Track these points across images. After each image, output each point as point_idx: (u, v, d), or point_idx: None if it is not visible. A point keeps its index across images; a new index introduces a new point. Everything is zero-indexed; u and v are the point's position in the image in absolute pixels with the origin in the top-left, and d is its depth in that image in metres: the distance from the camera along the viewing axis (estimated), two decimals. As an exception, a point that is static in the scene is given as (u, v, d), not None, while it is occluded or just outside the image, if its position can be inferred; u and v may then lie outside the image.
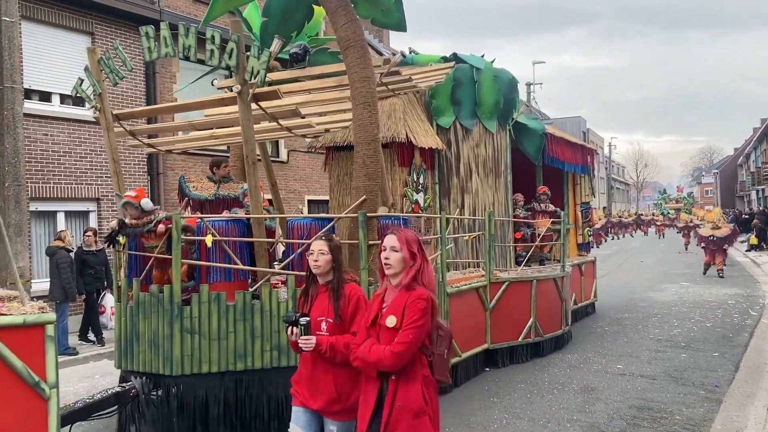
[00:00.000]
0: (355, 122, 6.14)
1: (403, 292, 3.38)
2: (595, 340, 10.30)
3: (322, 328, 3.78)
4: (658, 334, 10.60)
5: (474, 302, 8.13)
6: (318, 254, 3.82)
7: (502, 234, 9.94)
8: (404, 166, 8.79)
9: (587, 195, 13.16)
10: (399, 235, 3.43)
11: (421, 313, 3.30)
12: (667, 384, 7.58)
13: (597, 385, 7.62)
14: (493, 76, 9.64)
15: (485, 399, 7.18)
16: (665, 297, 15.20)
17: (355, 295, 3.82)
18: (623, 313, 12.93)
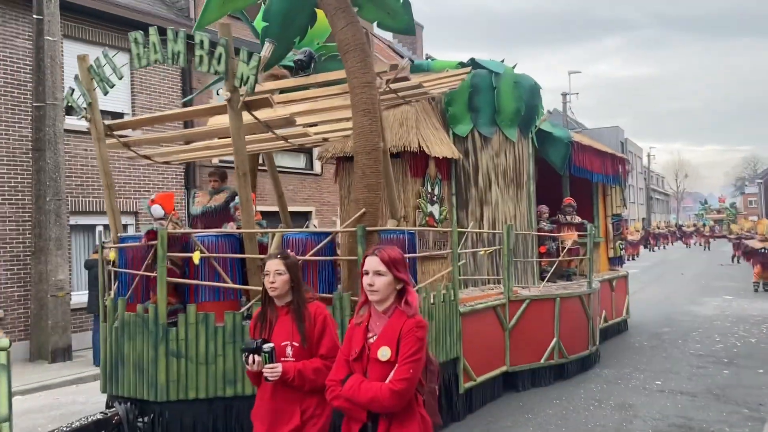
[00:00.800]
0: (355, 130, 5.74)
1: (394, 319, 2.95)
2: (633, 355, 10.00)
3: (287, 354, 3.39)
4: (699, 350, 10.24)
5: (491, 322, 7.62)
6: (274, 275, 3.43)
7: (524, 248, 9.41)
8: (417, 177, 8.35)
9: (618, 206, 12.52)
10: (382, 256, 3.00)
11: (419, 344, 2.87)
12: (709, 402, 7.29)
13: (635, 402, 7.37)
14: (513, 82, 9.16)
15: (519, 415, 6.98)
16: (707, 311, 14.75)
17: (321, 315, 3.44)
18: (662, 327, 12.56)
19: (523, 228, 9.35)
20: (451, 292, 6.77)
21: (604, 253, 12.41)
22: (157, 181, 13.55)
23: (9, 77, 11.17)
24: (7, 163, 11.11)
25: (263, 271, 3.52)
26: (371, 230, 5.64)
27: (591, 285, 9.17)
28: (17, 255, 11.21)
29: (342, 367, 3.06)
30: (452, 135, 9.00)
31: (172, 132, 6.78)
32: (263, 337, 3.44)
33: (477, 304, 7.37)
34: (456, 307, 6.83)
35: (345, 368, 3.05)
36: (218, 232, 5.66)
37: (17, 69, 11.30)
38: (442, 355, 6.59)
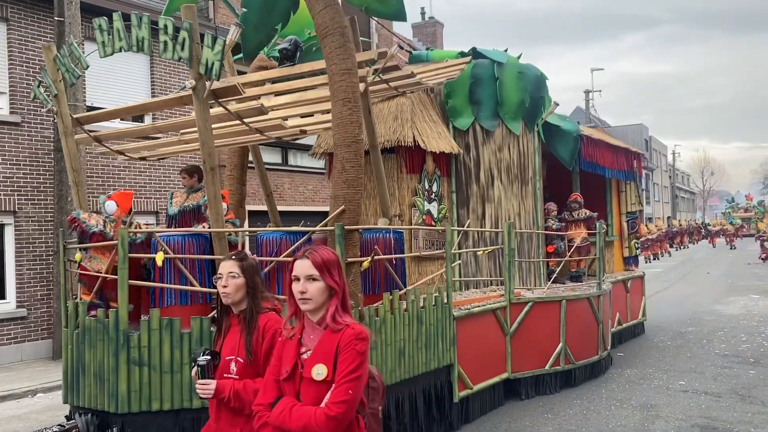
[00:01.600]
0: (334, 121, 5.34)
1: (330, 331, 2.54)
2: (656, 354, 9.85)
3: (231, 370, 2.99)
4: (724, 350, 10.06)
5: (490, 326, 7.16)
6: (227, 278, 3.01)
7: (529, 248, 8.93)
8: (414, 173, 7.93)
9: (633, 204, 11.94)
10: (314, 259, 2.58)
11: (360, 359, 2.47)
12: (734, 402, 7.14)
13: (657, 402, 7.25)
14: (517, 72, 8.68)
15: (538, 416, 6.87)
16: (732, 310, 14.44)
17: (272, 328, 2.98)
18: (687, 326, 12.34)
19: (528, 226, 8.86)
20: (443, 295, 6.33)
21: (619, 252, 11.85)
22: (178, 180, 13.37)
23: (31, 78, 11.23)
24: (30, 163, 11.29)
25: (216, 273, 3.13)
26: (351, 229, 5.23)
27: (601, 286, 8.65)
28: (40, 255, 11.30)
29: (271, 389, 2.66)
30: (452, 129, 8.56)
31: (143, 125, 6.41)
32: (216, 350, 3.05)
33: (474, 307, 6.92)
34: (449, 311, 6.39)
35: (274, 390, 2.64)
36: (185, 231, 5.30)
37: (39, 71, 11.42)
38: (434, 361, 6.16)
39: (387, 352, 5.53)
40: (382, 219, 6.82)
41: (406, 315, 5.80)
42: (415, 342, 5.90)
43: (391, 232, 5.88)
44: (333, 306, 2.54)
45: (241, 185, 7.71)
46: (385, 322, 5.52)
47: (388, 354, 5.54)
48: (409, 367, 5.82)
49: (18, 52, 11.21)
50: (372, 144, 6.67)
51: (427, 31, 27.68)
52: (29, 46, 11.36)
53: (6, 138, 10.78)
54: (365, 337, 2.50)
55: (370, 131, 6.64)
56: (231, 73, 7.31)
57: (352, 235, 5.26)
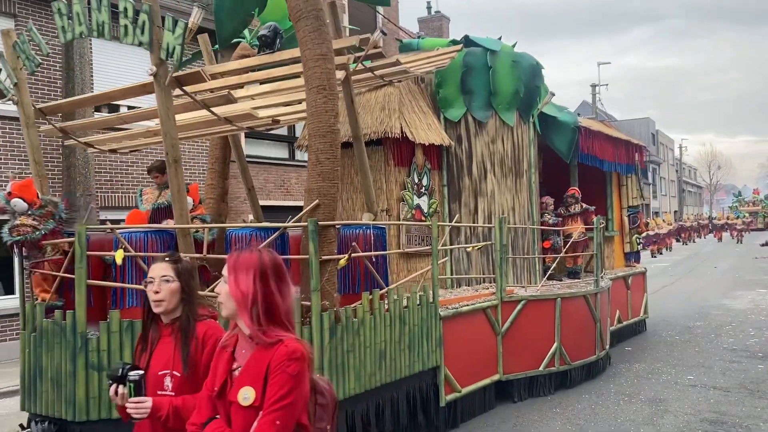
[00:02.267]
0: (309, 110, 5.02)
1: (261, 347, 2.22)
2: (664, 349, 9.81)
3: (165, 386, 2.65)
4: (732, 344, 10.02)
5: (481, 325, 6.84)
6: (160, 282, 2.67)
7: (524, 244, 8.59)
8: (402, 166, 7.60)
9: (635, 198, 11.59)
10: (229, 260, 2.28)
11: (292, 383, 2.12)
12: (743, 397, 7.10)
13: (666, 396, 7.23)
14: (511, 61, 8.33)
15: (547, 410, 6.85)
16: (740, 305, 14.36)
17: (212, 337, 2.66)
18: (695, 321, 12.25)
19: (522, 221, 8.53)
20: (429, 293, 6.01)
21: (619, 248, 11.50)
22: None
23: (39, 74, 11.19)
24: None
25: (148, 277, 2.79)
26: (326, 225, 4.92)
27: (598, 283, 8.31)
28: None
29: (205, 407, 2.34)
30: (443, 120, 8.23)
31: (108, 115, 6.10)
32: (138, 364, 2.73)
33: (463, 306, 6.60)
34: (435, 310, 6.08)
35: (209, 408, 2.33)
36: (147, 228, 4.99)
37: (47, 66, 11.40)
38: (419, 364, 5.85)
39: (366, 355, 5.22)
40: (367, 214, 6.51)
41: (388, 315, 5.49)
42: (397, 343, 5.59)
43: (372, 228, 5.57)
44: (245, 316, 2.19)
45: (223, 179, 7.40)
46: (363, 324, 5.21)
47: (367, 357, 5.23)
48: (391, 370, 5.51)
49: None
50: (355, 135, 6.36)
51: (433, 26, 27.50)
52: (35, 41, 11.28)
53: (14, 134, 10.90)
54: (300, 357, 2.14)
55: (353, 122, 6.32)
56: (209, 62, 7.00)
57: (328, 231, 4.94)
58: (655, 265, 26.38)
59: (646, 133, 66.15)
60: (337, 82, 5.81)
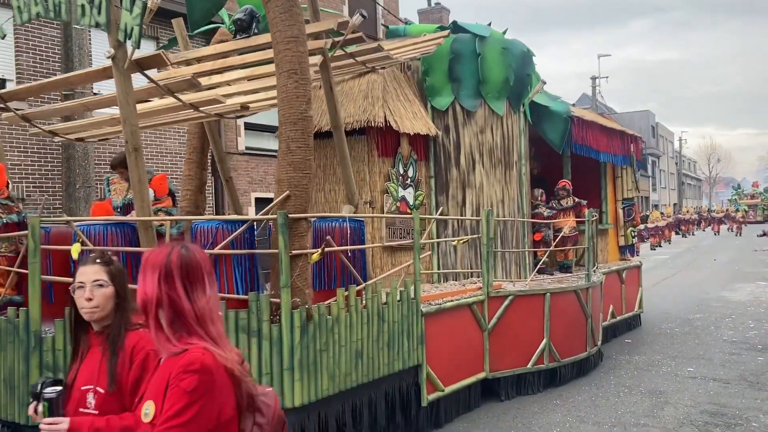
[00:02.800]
0: (279, 95, 4.75)
1: (170, 356, 1.95)
2: (664, 341, 9.81)
3: (88, 404, 2.35)
4: (732, 336, 10.02)
5: (466, 322, 6.59)
6: (92, 288, 2.37)
7: (514, 237, 8.33)
8: (387, 157, 7.34)
9: (630, 190, 11.31)
10: (142, 259, 2.02)
11: (186, 399, 1.83)
12: (743, 389, 7.12)
13: (666, 388, 7.24)
14: (501, 48, 8.05)
15: (547, 402, 6.88)
16: (740, 297, 14.39)
17: (142, 351, 2.36)
18: (694, 313, 12.25)
19: (512, 214, 8.27)
20: (410, 289, 5.76)
21: (614, 241, 11.24)
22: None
23: (39, 65, 11.15)
24: (38, 151, 11.28)
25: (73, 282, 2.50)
26: (296, 217, 4.65)
27: (590, 278, 8.05)
28: None
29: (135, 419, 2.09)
30: (431, 109, 7.96)
31: (70, 102, 5.83)
32: (67, 379, 2.45)
33: (446, 301, 6.35)
34: (417, 306, 5.82)
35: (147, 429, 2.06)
36: (106, 220, 4.72)
37: (46, 58, 11.33)
38: (398, 362, 5.60)
39: (341, 354, 4.96)
40: (347, 206, 6.25)
41: (365, 312, 5.24)
42: (375, 341, 5.33)
43: (348, 221, 5.31)
44: (149, 322, 1.93)
45: (201, 170, 7.14)
46: (338, 321, 4.95)
47: (342, 356, 4.98)
48: (368, 369, 5.26)
49: (25, 39, 11.05)
50: (335, 124, 6.09)
51: (433, 17, 27.24)
52: (36, 33, 11.21)
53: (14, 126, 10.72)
54: (199, 369, 1.85)
55: (332, 110, 6.06)
56: (184, 48, 6.73)
57: (299, 224, 4.68)
58: (654, 257, 26.32)
59: (646, 126, 65.92)
60: (313, 68, 5.54)
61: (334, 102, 6.04)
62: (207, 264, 2.03)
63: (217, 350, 1.93)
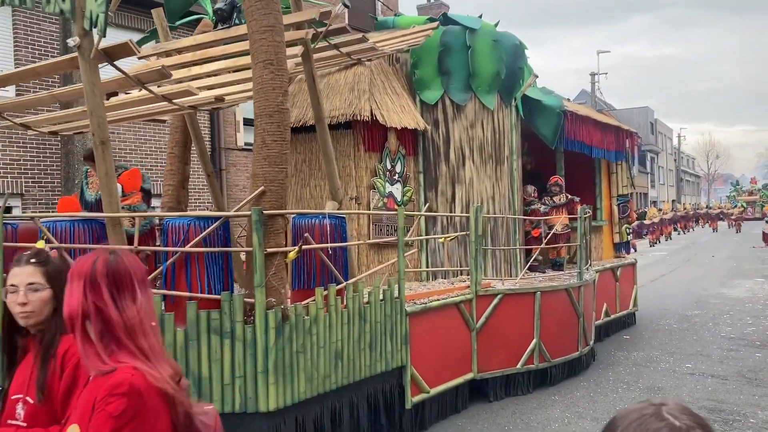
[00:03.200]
0: (255, 86, 4.57)
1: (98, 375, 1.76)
2: (663, 338, 9.82)
3: (17, 415, 2.16)
4: (730, 332, 10.04)
5: (453, 321, 6.42)
6: (26, 291, 2.18)
7: (505, 234, 8.15)
8: (373, 151, 7.15)
9: (625, 186, 11.14)
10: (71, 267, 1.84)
11: (112, 424, 1.64)
12: (741, 385, 7.15)
13: (664, 384, 7.28)
14: (492, 41, 7.85)
15: (546, 397, 6.90)
16: (738, 293, 14.40)
17: (74, 356, 2.13)
18: (692, 310, 12.26)
19: (503, 210, 8.08)
20: (393, 288, 5.58)
21: (608, 238, 11.07)
22: None
23: (37, 60, 10.87)
24: (37, 146, 11.21)
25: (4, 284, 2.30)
26: (272, 214, 4.47)
27: (582, 276, 7.88)
28: None
29: None
30: (419, 102, 7.77)
31: (41, 94, 5.64)
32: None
33: (433, 300, 6.17)
34: (400, 306, 5.64)
35: None
36: (73, 216, 4.54)
37: (45, 53, 11.20)
38: (381, 364, 5.42)
39: (319, 356, 4.79)
40: (331, 202, 6.08)
41: (346, 312, 5.06)
42: (356, 342, 5.16)
43: (329, 217, 5.12)
44: (76, 335, 1.74)
45: (183, 164, 6.97)
46: (317, 322, 4.77)
47: (320, 357, 4.80)
48: (349, 371, 5.09)
49: (24, 34, 10.91)
50: (318, 117, 5.91)
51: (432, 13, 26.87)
52: (35, 28, 11.10)
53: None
54: (125, 392, 1.66)
55: (315, 102, 5.87)
56: (164, 39, 6.53)
57: (274, 221, 4.50)
58: (653, 253, 26.39)
59: (645, 122, 65.72)
60: (294, 59, 5.36)
61: (317, 94, 5.85)
62: (138, 271, 1.84)
63: (148, 369, 1.73)
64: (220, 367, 4.30)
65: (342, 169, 7.04)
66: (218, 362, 4.29)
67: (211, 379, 4.28)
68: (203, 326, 4.29)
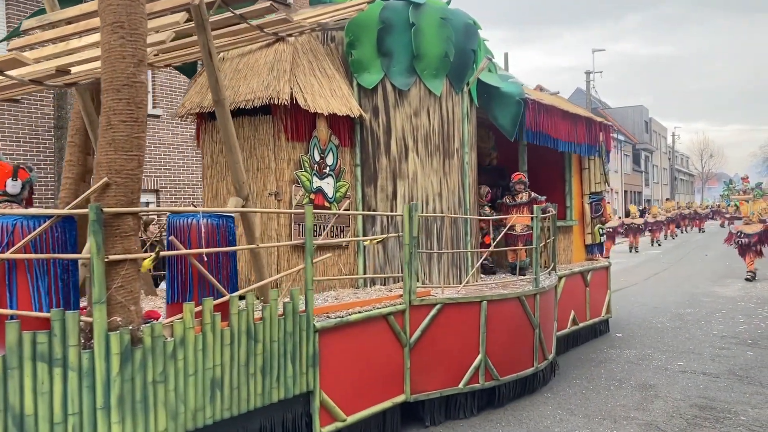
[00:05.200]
0: (102, 54, 3.70)
1: None
2: (655, 335, 9.87)
3: None
4: (722, 331, 10.13)
5: (380, 336, 5.57)
6: None
7: (454, 235, 7.29)
8: (298, 141, 6.29)
9: (598, 183, 10.30)
10: None
11: None
12: (732, 383, 7.20)
13: (656, 382, 7.32)
14: (439, 18, 6.98)
15: (538, 394, 6.92)
16: (730, 292, 14.49)
17: None
18: (685, 308, 12.35)
19: (452, 209, 7.22)
20: (298, 300, 4.72)
21: (580, 239, 10.23)
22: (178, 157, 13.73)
23: None
24: (30, 140, 11.19)
25: None
26: (118, 212, 3.60)
27: (538, 282, 7.03)
28: None
29: None
30: (357, 87, 6.90)
31: None
32: None
33: (353, 313, 5.32)
34: (307, 321, 4.78)
35: None
36: None
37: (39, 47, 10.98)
38: (279, 391, 4.57)
39: (188, 385, 3.93)
40: (234, 198, 5.23)
41: (228, 331, 4.20)
42: (243, 367, 4.30)
43: (210, 217, 4.26)
44: None
45: (84, 155, 6.11)
46: (184, 344, 3.91)
47: (189, 388, 3.94)
48: (232, 401, 4.23)
49: None
50: (216, 98, 5.05)
51: None
52: None
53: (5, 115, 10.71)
54: None
55: (213, 81, 5.01)
56: (50, 9, 5.66)
57: (122, 221, 3.63)
58: (646, 252, 26.78)
59: (640, 121, 65.12)
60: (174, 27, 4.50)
61: (215, 71, 4.98)
62: None
63: None
64: (49, 402, 3.44)
65: (260, 160, 6.18)
66: (46, 396, 3.43)
67: (36, 417, 3.42)
68: (27, 351, 3.42)
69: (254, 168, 6.19)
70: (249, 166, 6.21)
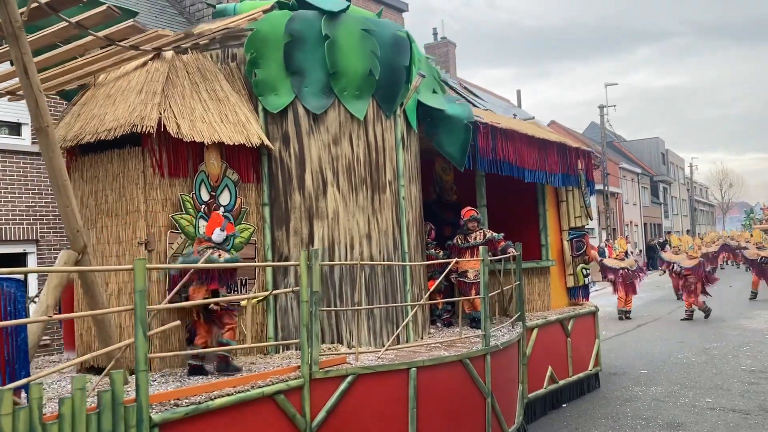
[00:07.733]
0: None
1: None
2: (681, 371, 9.57)
3: None
4: (750, 365, 9.80)
5: (267, 423, 4.34)
6: None
7: (388, 284, 6.08)
8: (177, 177, 5.20)
9: (578, 217, 9.05)
10: None
11: None
12: (763, 419, 6.97)
13: (684, 420, 7.11)
14: (360, 30, 5.92)
15: None
16: (758, 324, 14.01)
17: None
18: (711, 342, 11.92)
19: (384, 253, 6.03)
20: (120, 385, 3.53)
21: (559, 282, 8.93)
22: None
23: None
24: (51, 192, 10.39)
25: None
26: None
27: (488, 339, 5.76)
28: None
29: None
30: (263, 112, 5.82)
31: None
32: None
33: (217, 396, 4.11)
34: (139, 413, 3.58)
35: None
36: None
37: None
38: None
39: None
40: (65, 252, 4.12)
41: (-6, 438, 3.03)
42: (20, 488, 3.10)
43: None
44: None
45: None
46: None
47: None
48: None
49: None
50: (37, 126, 4.00)
51: (439, 51, 27.19)
52: None
53: (28, 168, 10.49)
54: None
55: (31, 104, 3.97)
56: None
57: None
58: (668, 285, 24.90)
59: (656, 153, 63.87)
60: None
61: (33, 92, 3.94)
62: None
63: None
64: None
65: (129, 202, 5.07)
66: None
67: None
68: None
69: (123, 212, 5.10)
70: (117, 209, 5.12)
